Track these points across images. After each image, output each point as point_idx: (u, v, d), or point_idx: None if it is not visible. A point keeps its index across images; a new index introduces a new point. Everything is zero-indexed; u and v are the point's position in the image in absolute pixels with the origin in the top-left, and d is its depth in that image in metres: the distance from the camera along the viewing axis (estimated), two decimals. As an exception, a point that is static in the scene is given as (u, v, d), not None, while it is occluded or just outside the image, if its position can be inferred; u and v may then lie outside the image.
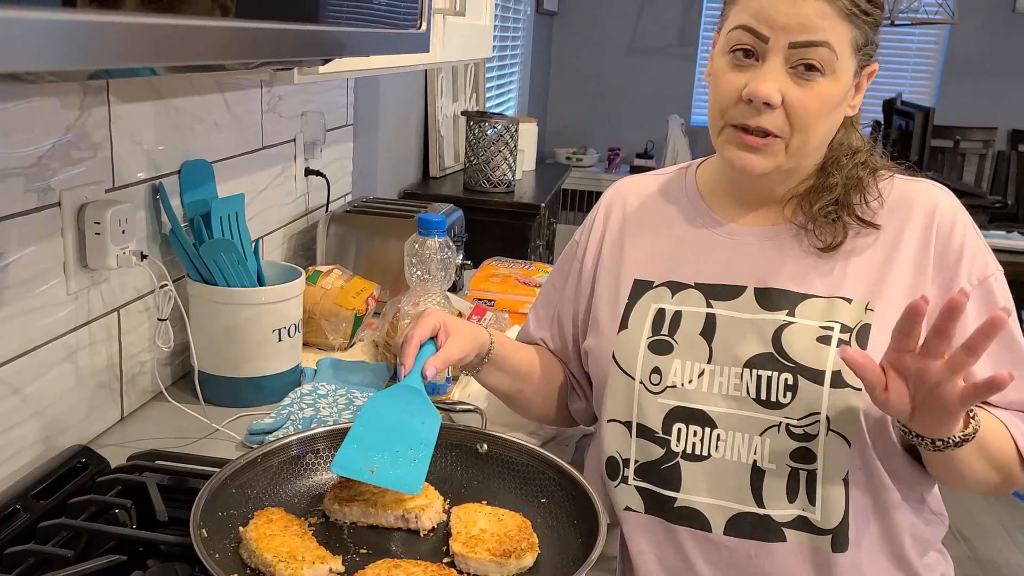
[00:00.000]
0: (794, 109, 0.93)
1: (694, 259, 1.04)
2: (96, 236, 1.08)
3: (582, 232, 1.17)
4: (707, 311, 1.00)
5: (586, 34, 5.26)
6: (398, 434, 0.93)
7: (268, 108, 1.58)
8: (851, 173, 0.99)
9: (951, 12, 4.21)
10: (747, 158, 0.96)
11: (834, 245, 0.98)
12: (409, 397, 0.95)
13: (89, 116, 1.08)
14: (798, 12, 0.90)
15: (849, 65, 0.94)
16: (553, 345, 1.18)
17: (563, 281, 1.17)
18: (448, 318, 1.03)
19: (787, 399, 0.95)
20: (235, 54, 0.64)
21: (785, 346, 0.96)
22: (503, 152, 2.67)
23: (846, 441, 0.94)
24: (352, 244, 1.78)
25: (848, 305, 0.96)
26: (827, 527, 0.96)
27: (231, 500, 0.88)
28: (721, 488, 0.98)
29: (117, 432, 1.19)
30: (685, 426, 0.99)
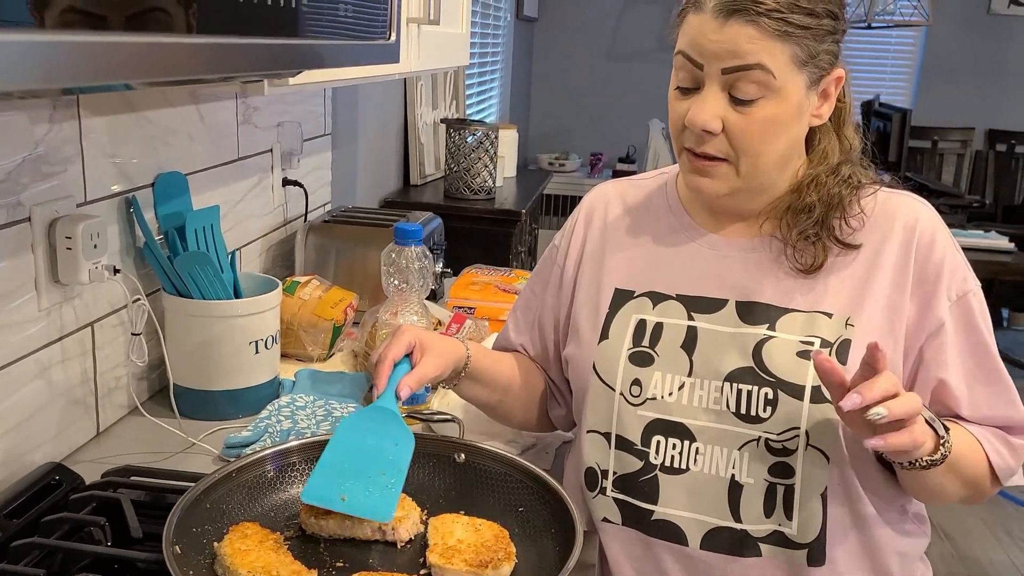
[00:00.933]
0: (735, 134, 0.93)
1: (675, 270, 1.04)
2: (68, 251, 1.07)
3: (562, 237, 1.16)
4: (688, 323, 1.00)
5: (567, 40, 5.28)
6: (371, 458, 0.92)
7: (244, 119, 1.58)
8: (832, 191, 0.98)
9: (926, 14, 4.26)
10: (700, 181, 0.98)
11: (815, 267, 0.97)
12: (382, 418, 0.94)
13: (59, 130, 1.07)
14: (725, 38, 0.90)
15: (794, 81, 0.92)
16: (533, 351, 1.17)
17: (543, 286, 1.16)
18: (424, 334, 1.01)
19: (767, 413, 0.95)
20: (203, 69, 0.64)
21: (766, 360, 0.96)
22: (483, 159, 2.67)
23: (825, 456, 0.94)
24: (331, 254, 1.77)
25: (828, 320, 0.96)
26: (803, 542, 0.96)
27: (205, 515, 0.87)
28: (699, 502, 0.98)
29: (92, 448, 1.18)
30: (664, 439, 0.99)
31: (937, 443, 0.89)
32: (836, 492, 0.96)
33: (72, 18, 0.51)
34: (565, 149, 5.29)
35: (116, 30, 0.54)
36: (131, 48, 0.56)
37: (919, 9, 4.23)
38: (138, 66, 0.57)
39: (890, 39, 5.07)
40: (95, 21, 0.52)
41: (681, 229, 1.06)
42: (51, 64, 0.49)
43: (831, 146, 1.01)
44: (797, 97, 0.93)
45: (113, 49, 0.54)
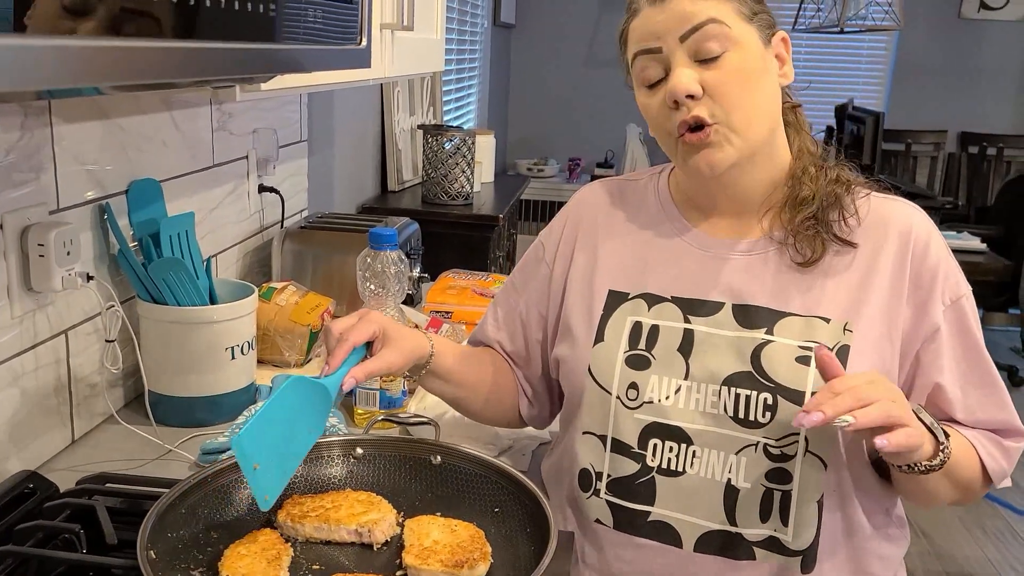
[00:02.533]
0: (715, 89, 0.94)
1: (669, 270, 1.03)
2: (40, 258, 1.07)
3: (549, 235, 1.15)
4: (685, 326, 1.00)
5: (544, 46, 5.30)
6: (290, 436, 0.90)
7: (219, 126, 1.58)
8: (827, 190, 0.99)
9: (898, 19, 4.32)
10: (705, 154, 0.95)
11: (813, 260, 0.98)
12: (318, 398, 0.92)
13: (31, 137, 1.07)
14: (670, 13, 0.94)
15: (748, 33, 0.95)
16: (511, 347, 1.16)
17: (527, 283, 1.15)
18: (389, 325, 0.99)
19: (766, 419, 0.95)
20: (171, 73, 0.65)
21: (765, 365, 0.96)
22: (461, 165, 2.68)
23: (822, 463, 0.95)
24: (308, 260, 1.77)
25: (826, 325, 0.96)
26: (798, 548, 0.96)
27: (181, 520, 0.87)
28: (694, 505, 0.97)
29: (67, 456, 1.18)
30: (661, 442, 0.98)
31: (937, 448, 0.90)
32: (831, 499, 0.96)
33: (46, 22, 0.51)
34: (544, 154, 5.31)
35: (87, 34, 0.55)
36: (102, 52, 0.57)
37: (890, 14, 4.29)
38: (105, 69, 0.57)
39: (863, 43, 5.13)
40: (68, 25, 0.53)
41: (674, 229, 1.06)
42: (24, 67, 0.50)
43: (805, 142, 1.03)
44: (756, 47, 0.95)
45: (84, 53, 0.55)
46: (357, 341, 0.95)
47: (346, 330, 0.95)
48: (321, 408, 0.92)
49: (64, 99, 1.12)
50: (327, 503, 0.94)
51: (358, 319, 0.97)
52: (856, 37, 4.92)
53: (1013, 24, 5.01)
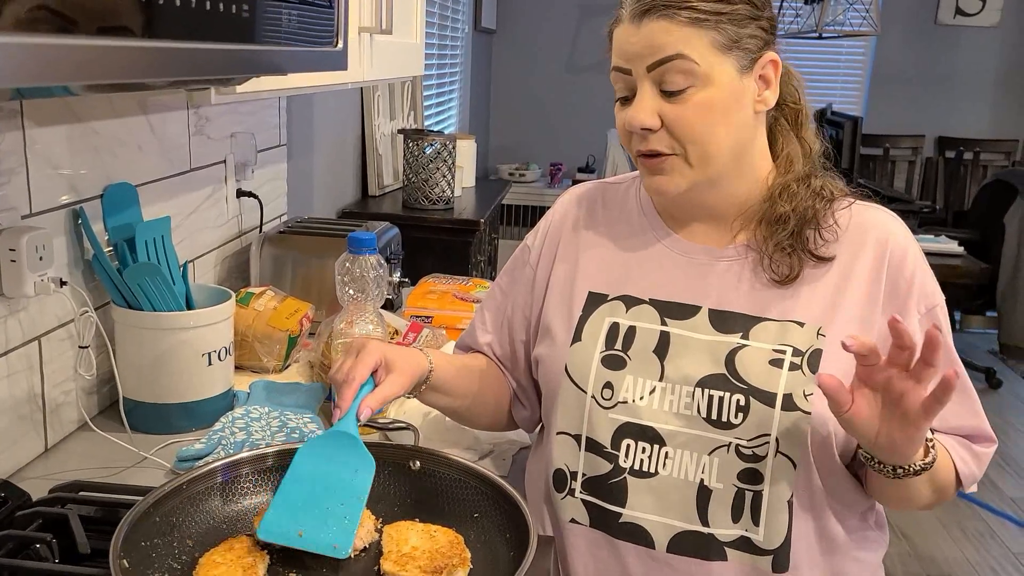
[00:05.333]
0: (673, 126, 0.95)
1: (648, 274, 1.04)
2: (12, 263, 1.05)
3: (535, 237, 1.16)
4: (661, 328, 1.01)
5: (525, 52, 5.31)
6: (329, 488, 0.89)
7: (196, 130, 1.56)
8: (805, 204, 0.99)
9: (875, 24, 4.36)
10: (656, 181, 0.99)
11: (790, 278, 0.98)
12: (342, 444, 0.92)
13: (2, 141, 1.06)
14: (642, 38, 0.94)
15: (721, 67, 0.93)
16: (500, 351, 1.16)
17: (513, 286, 1.16)
18: (389, 351, 0.98)
19: (738, 419, 0.96)
20: (143, 73, 0.64)
21: (738, 368, 0.97)
22: (441, 169, 2.68)
23: (792, 463, 0.96)
24: (287, 265, 1.76)
25: (800, 329, 0.97)
26: (769, 548, 0.96)
27: (154, 529, 0.86)
28: (667, 505, 0.98)
29: (40, 465, 1.16)
30: (634, 442, 0.99)
31: (927, 448, 0.91)
32: (802, 499, 0.97)
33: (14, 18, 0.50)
34: (525, 159, 5.31)
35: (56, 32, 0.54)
36: (73, 50, 0.56)
37: (868, 19, 4.34)
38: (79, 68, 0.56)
39: (841, 49, 5.18)
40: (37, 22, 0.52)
41: (653, 233, 1.07)
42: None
43: (794, 151, 1.02)
44: (728, 82, 0.94)
45: (54, 51, 0.54)
46: (363, 377, 0.94)
47: (348, 370, 0.94)
48: (351, 449, 0.92)
49: (36, 102, 1.11)
50: (306, 509, 0.93)
51: (355, 356, 0.95)
52: (834, 43, 4.97)
53: (988, 30, 5.07)
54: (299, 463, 0.91)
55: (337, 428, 0.92)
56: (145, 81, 0.67)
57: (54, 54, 0.54)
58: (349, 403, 0.92)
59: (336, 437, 0.92)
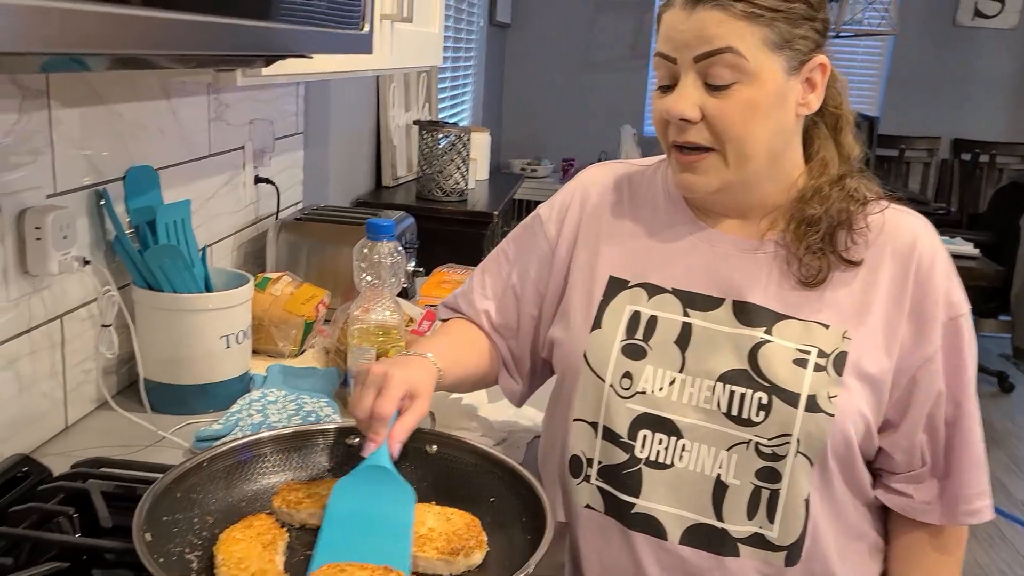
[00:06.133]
0: (714, 120, 0.93)
1: (672, 262, 1.03)
2: (37, 241, 1.06)
3: (551, 211, 1.13)
4: (683, 319, 1.00)
5: (539, 46, 5.31)
6: (371, 526, 0.86)
7: (215, 116, 1.57)
8: (839, 207, 0.97)
9: (893, 24, 4.34)
10: (687, 179, 0.97)
11: (818, 280, 0.97)
12: (377, 478, 0.89)
13: (28, 121, 1.07)
14: (693, 26, 0.91)
15: (770, 65, 0.91)
16: (498, 319, 1.13)
17: (522, 256, 1.13)
18: (411, 380, 0.94)
19: (760, 418, 0.95)
20: (172, 44, 0.64)
21: (762, 365, 0.96)
22: (456, 161, 2.68)
23: (811, 463, 0.95)
24: (303, 251, 1.77)
25: (825, 331, 0.96)
26: (782, 544, 0.96)
27: (176, 504, 0.87)
28: (681, 498, 0.98)
29: (60, 442, 1.17)
30: (651, 433, 0.98)
31: None
32: (819, 498, 0.97)
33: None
34: (537, 155, 5.31)
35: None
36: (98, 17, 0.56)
37: (887, 19, 4.32)
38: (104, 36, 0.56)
39: (858, 48, 5.16)
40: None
41: (679, 221, 1.05)
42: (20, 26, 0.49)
43: (830, 155, 1.00)
44: (775, 82, 0.92)
45: (79, 17, 0.54)
46: (391, 413, 0.91)
47: (376, 406, 0.91)
48: (387, 481, 0.90)
49: (62, 83, 1.12)
50: (322, 490, 0.94)
51: (376, 391, 0.92)
52: (851, 42, 4.94)
53: (1007, 32, 5.04)
54: (335, 506, 0.88)
55: (370, 462, 0.89)
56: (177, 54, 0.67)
57: (83, 22, 0.54)
58: (383, 437, 0.90)
59: (369, 472, 0.89)
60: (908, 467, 1.00)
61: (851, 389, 0.95)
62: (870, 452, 1.00)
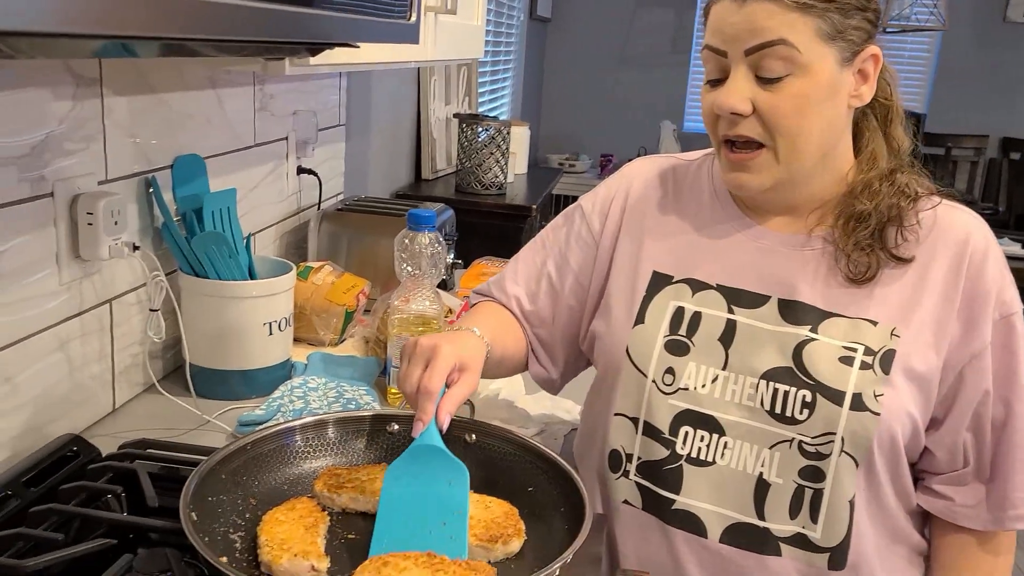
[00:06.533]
0: (766, 114, 0.91)
1: (716, 258, 1.02)
2: (89, 227, 1.09)
3: (595, 202, 1.12)
4: (728, 316, 0.99)
5: (579, 41, 5.29)
6: (427, 509, 0.85)
7: (260, 106, 1.59)
8: (889, 202, 0.95)
9: (942, 19, 4.25)
10: (739, 178, 0.96)
11: (868, 277, 0.95)
12: (428, 458, 0.88)
13: (82, 108, 1.09)
14: (744, 18, 0.89)
15: (823, 57, 0.90)
16: (529, 306, 1.13)
17: (560, 245, 1.12)
18: (461, 353, 0.92)
19: (803, 416, 0.94)
20: (223, 30, 0.65)
21: (806, 362, 0.95)
22: (495, 155, 2.69)
23: (856, 463, 0.94)
24: (343, 242, 1.79)
25: (873, 328, 0.95)
26: (826, 546, 0.95)
27: (220, 486, 0.89)
28: (722, 496, 0.97)
29: (108, 423, 1.20)
30: (693, 430, 0.98)
31: None
32: (865, 499, 0.95)
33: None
34: (575, 150, 5.30)
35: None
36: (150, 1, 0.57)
37: (935, 14, 4.23)
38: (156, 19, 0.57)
39: (905, 44, 5.07)
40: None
41: (725, 217, 1.04)
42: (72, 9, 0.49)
43: (879, 147, 0.99)
44: (828, 73, 0.91)
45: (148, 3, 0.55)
46: (439, 387, 0.89)
47: (424, 381, 0.89)
48: (439, 461, 0.88)
49: (114, 71, 1.14)
50: (363, 475, 0.95)
51: (423, 365, 0.90)
52: (898, 37, 4.86)
53: (1060, 28, 4.92)
54: (388, 489, 0.87)
55: (420, 442, 0.88)
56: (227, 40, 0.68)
57: (134, 5, 0.55)
58: (431, 415, 0.88)
59: (420, 452, 0.88)
60: (950, 467, 0.98)
61: (898, 388, 0.93)
62: (915, 453, 0.98)
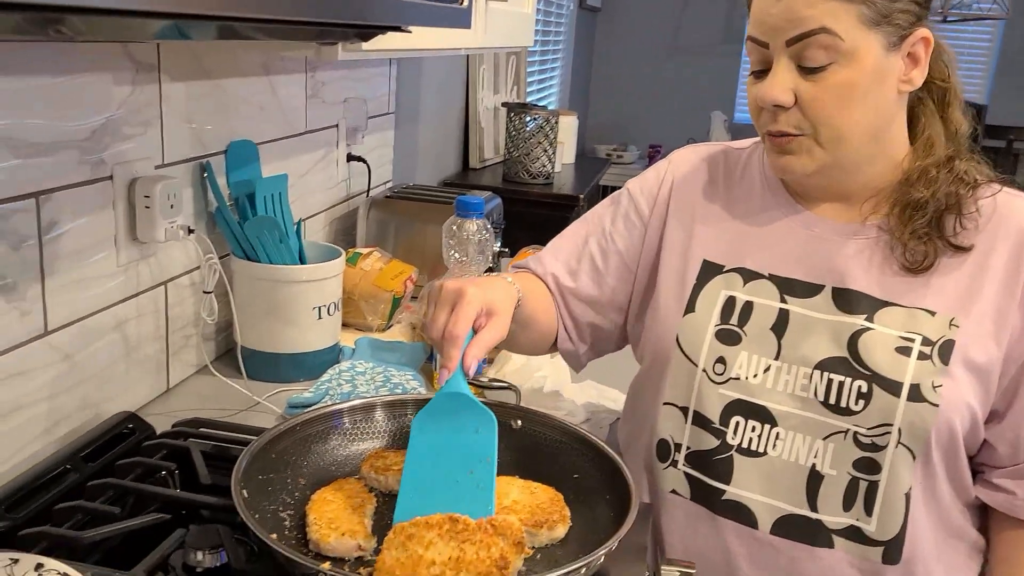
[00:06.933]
0: (807, 105, 0.90)
1: (768, 247, 1.01)
2: (146, 209, 1.11)
3: (643, 187, 1.11)
4: (780, 306, 0.98)
5: (629, 31, 5.25)
6: (454, 457, 0.85)
7: (312, 93, 1.61)
8: (947, 190, 0.93)
9: (1005, 8, 4.12)
10: (784, 161, 0.95)
11: (925, 267, 0.93)
12: (455, 406, 0.86)
13: (141, 93, 1.11)
14: (784, 8, 0.88)
15: (867, 43, 0.88)
16: (568, 283, 1.10)
17: (608, 227, 1.10)
18: (488, 296, 0.87)
19: (859, 407, 0.92)
20: (278, 10, 0.66)
21: (862, 352, 0.93)
22: (543, 144, 2.68)
23: (913, 455, 0.92)
24: (391, 229, 1.80)
25: (931, 318, 0.93)
26: (880, 539, 0.93)
27: (270, 465, 0.90)
28: (774, 487, 0.96)
29: (162, 402, 1.23)
30: (744, 420, 0.97)
31: None
32: (922, 493, 0.94)
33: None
34: (623, 141, 5.26)
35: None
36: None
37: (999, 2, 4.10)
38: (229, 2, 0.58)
39: (965, 33, 4.92)
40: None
41: (776, 204, 1.03)
42: None
43: (936, 133, 0.96)
44: (873, 60, 0.89)
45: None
46: (466, 332, 0.85)
47: (449, 326, 0.85)
48: (466, 409, 0.86)
49: (171, 58, 1.16)
50: (410, 458, 0.96)
51: (449, 309, 0.86)
52: (959, 26, 4.72)
53: None
54: (416, 438, 0.86)
55: (446, 390, 0.86)
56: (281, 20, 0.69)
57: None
58: (456, 362, 0.85)
59: (447, 400, 0.86)
60: (1012, 460, 0.95)
61: (958, 379, 0.91)
62: (974, 446, 0.96)
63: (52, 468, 0.94)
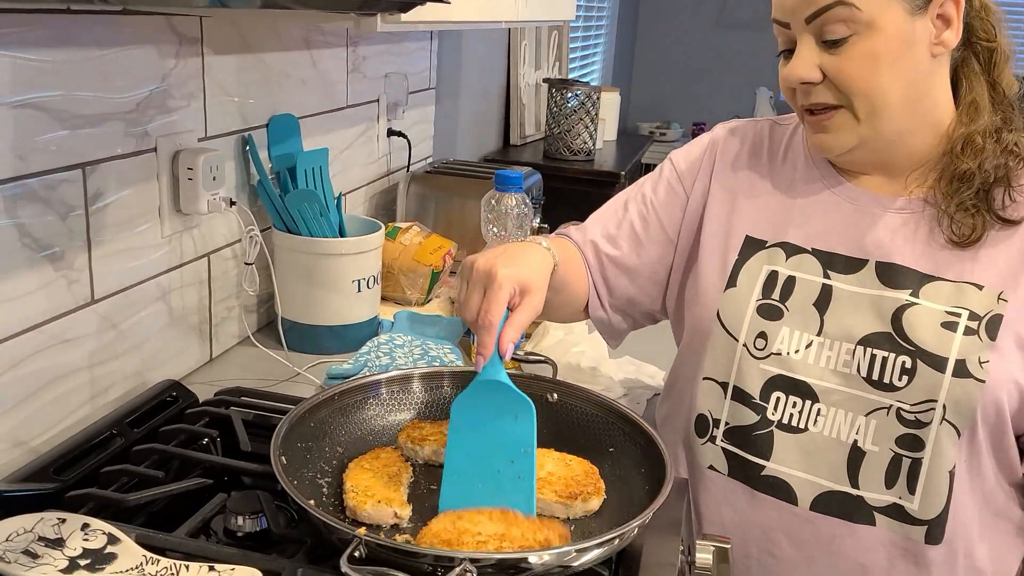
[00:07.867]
0: (835, 77, 0.90)
1: (811, 221, 0.99)
2: (189, 181, 1.13)
3: (687, 159, 1.10)
4: (823, 281, 0.96)
5: (673, 6, 5.16)
6: (493, 445, 0.84)
7: (353, 68, 1.61)
8: (996, 162, 0.91)
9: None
10: (821, 139, 0.94)
11: (972, 240, 0.91)
12: (492, 393, 0.85)
13: (184, 66, 1.13)
14: None
15: (887, 10, 0.87)
16: (611, 249, 1.08)
17: (650, 198, 1.09)
18: (520, 274, 0.85)
19: (902, 383, 0.91)
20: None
21: (906, 328, 0.91)
22: (584, 120, 2.66)
23: (958, 432, 0.90)
24: (431, 204, 1.80)
25: (979, 292, 0.91)
26: (923, 518, 0.92)
27: (309, 433, 0.91)
28: (815, 463, 0.95)
29: (205, 371, 1.25)
30: (785, 396, 0.96)
31: None
32: (966, 471, 0.92)
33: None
34: (666, 118, 5.19)
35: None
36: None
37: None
38: None
39: None
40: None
41: (820, 177, 1.01)
42: None
43: (981, 96, 0.94)
44: (896, 26, 0.87)
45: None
46: (499, 318, 0.83)
47: (482, 314, 0.84)
48: (504, 395, 0.85)
49: (214, 32, 1.17)
50: (446, 429, 0.96)
51: (482, 290, 0.85)
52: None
53: None
54: (455, 427, 0.86)
55: (483, 377, 0.85)
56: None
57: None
58: (491, 349, 0.83)
59: (484, 387, 0.85)
60: None
61: (1005, 355, 0.89)
62: (1022, 424, 0.94)
63: (99, 433, 0.96)
